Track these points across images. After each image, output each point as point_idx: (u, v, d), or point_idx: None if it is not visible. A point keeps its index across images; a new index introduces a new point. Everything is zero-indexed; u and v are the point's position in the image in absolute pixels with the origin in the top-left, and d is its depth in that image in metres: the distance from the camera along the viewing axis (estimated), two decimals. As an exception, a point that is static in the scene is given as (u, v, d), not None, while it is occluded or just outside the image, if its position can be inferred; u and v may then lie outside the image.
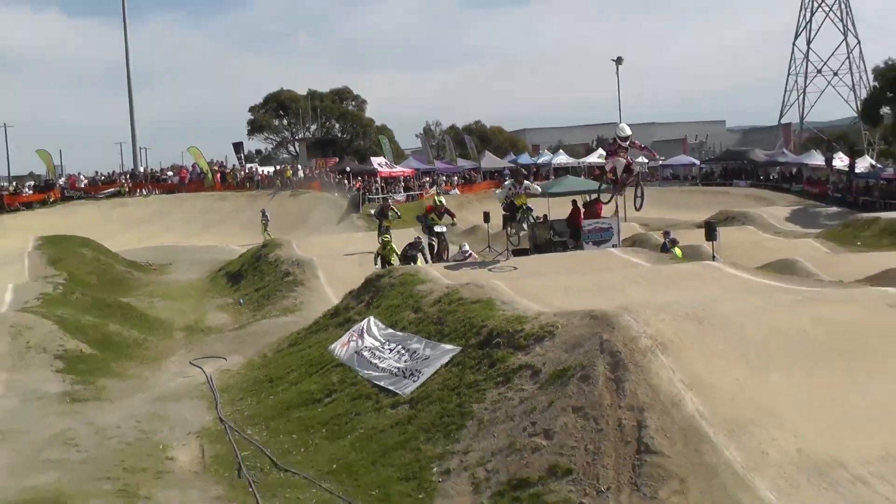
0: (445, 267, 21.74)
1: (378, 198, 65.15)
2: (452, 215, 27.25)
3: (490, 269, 20.50)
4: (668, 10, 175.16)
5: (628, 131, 19.81)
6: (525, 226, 21.97)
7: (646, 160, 22.75)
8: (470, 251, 27.91)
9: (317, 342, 18.59)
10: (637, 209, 20.68)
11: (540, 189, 23.22)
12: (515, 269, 20.32)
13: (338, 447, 13.31)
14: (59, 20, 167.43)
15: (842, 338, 13.20)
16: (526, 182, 21.47)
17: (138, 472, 12.78)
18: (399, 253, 26.55)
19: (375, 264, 26.46)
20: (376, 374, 15.05)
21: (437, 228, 23.26)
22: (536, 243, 23.36)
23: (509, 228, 22.46)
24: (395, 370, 14.76)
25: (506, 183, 22.69)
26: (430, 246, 24.11)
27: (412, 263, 25.00)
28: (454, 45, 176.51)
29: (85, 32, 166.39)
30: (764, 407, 11.54)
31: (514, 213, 21.26)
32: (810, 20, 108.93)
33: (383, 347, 15.86)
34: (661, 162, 75.63)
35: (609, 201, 20.22)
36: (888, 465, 10.80)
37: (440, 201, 25.76)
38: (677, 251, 30.71)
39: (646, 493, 10.24)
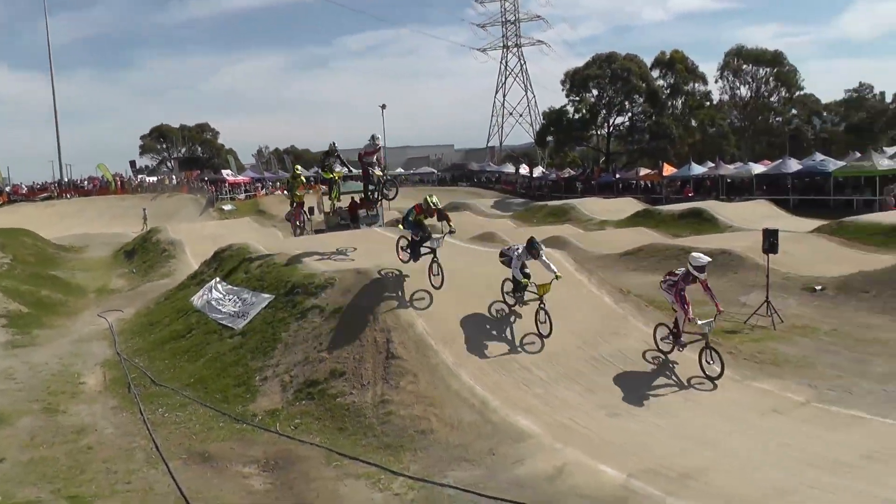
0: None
1: (228, 196, 62.76)
2: (448, 219, 13.08)
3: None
4: (416, 79, 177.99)
5: (704, 260, 11.27)
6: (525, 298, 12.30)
7: (712, 320, 11.52)
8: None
9: (182, 296, 17.77)
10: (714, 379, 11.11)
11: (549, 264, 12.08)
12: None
13: (195, 367, 12.94)
14: (6, 72, 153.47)
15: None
16: (542, 253, 12.07)
17: (59, 394, 12.35)
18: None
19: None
20: (220, 316, 14.59)
21: (434, 242, 12.79)
22: (329, 225, 22.20)
23: (508, 297, 12.58)
24: (232, 313, 14.34)
25: (518, 251, 12.09)
26: (413, 243, 12.90)
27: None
28: (279, 95, 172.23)
29: (26, 82, 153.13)
30: (465, 325, 11.89)
31: (517, 286, 12.17)
32: (505, 82, 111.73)
33: (225, 298, 15.30)
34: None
35: (669, 352, 11.85)
36: (543, 358, 11.56)
37: (434, 203, 12.76)
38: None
39: (392, 384, 10.44)
